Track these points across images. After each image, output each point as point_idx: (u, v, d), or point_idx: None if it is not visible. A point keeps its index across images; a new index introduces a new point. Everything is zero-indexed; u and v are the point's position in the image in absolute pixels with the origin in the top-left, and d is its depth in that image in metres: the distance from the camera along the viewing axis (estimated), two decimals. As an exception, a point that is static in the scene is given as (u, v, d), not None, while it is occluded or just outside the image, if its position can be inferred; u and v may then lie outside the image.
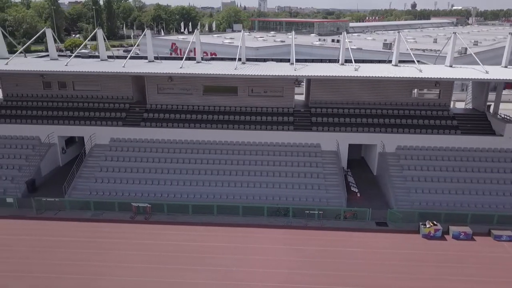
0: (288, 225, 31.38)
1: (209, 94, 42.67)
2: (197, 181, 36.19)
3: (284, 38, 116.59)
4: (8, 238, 29.02)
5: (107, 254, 27.40)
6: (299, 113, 41.96)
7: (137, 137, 40.22)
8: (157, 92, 43.01)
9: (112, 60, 44.14)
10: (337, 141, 38.58)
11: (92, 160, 38.65)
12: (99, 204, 32.96)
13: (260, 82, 41.18)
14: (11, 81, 43.68)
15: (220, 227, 30.91)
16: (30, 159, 38.70)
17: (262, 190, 35.34)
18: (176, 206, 32.47)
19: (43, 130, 40.29)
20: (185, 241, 28.92)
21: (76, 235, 29.51)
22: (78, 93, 43.85)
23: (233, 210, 32.37)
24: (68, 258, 26.95)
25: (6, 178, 36.73)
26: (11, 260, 26.51)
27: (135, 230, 30.51)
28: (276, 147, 39.25)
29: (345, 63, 42.44)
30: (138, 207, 32.27)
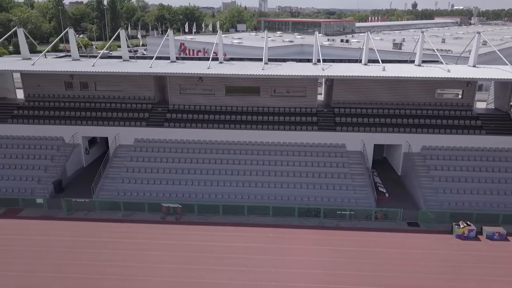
0: (319, 225, 31.37)
1: (231, 94, 42.59)
2: (224, 181, 36.17)
3: (292, 38, 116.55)
4: (44, 239, 29.00)
5: (141, 255, 27.36)
6: (322, 113, 41.94)
7: (160, 137, 40.22)
8: (180, 93, 42.99)
9: (134, 61, 44.11)
10: (363, 142, 38.50)
11: (117, 160, 38.62)
12: (129, 205, 32.90)
13: (283, 82, 41.16)
14: (33, 81, 43.57)
15: (251, 228, 30.91)
16: (56, 159, 38.67)
17: (289, 190, 35.34)
18: (206, 206, 32.45)
19: (67, 131, 40.28)
20: (219, 242, 28.90)
21: (109, 236, 29.48)
22: (100, 94, 43.81)
23: (264, 211, 32.28)
24: (105, 258, 26.91)
25: (32, 179, 36.70)
26: (49, 261, 26.49)
27: (167, 230, 30.48)
28: (301, 147, 39.28)
29: (368, 63, 42.39)
30: (168, 208, 32.20)
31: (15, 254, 27.27)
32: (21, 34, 43.39)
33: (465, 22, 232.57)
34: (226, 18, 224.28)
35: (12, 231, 30.07)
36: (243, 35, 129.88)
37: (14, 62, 42.32)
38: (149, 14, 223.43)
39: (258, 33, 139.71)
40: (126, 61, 43.80)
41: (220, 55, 43.26)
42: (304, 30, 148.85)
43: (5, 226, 30.85)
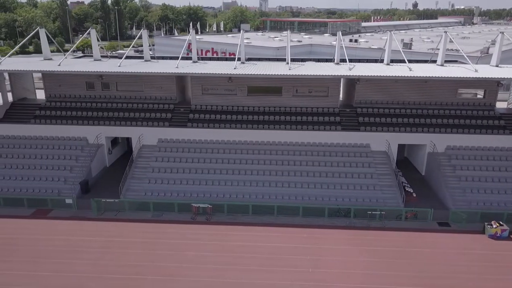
0: (350, 226, 31.37)
1: (254, 94, 42.59)
2: (250, 181, 36.22)
3: (300, 38, 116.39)
4: (77, 239, 28.99)
5: (177, 255, 27.37)
6: (344, 113, 41.93)
7: (184, 137, 40.22)
8: (202, 93, 42.97)
9: (156, 61, 44.09)
10: (387, 142, 38.51)
11: (142, 161, 38.62)
12: (158, 205, 32.89)
13: (305, 82, 41.18)
14: (54, 82, 43.54)
15: (282, 228, 30.92)
16: (81, 160, 38.67)
17: (316, 191, 35.40)
18: (236, 206, 32.42)
19: (91, 131, 40.27)
20: (252, 242, 28.92)
21: (143, 236, 29.49)
22: (121, 94, 43.76)
23: (293, 211, 32.27)
24: (140, 259, 26.91)
25: (59, 179, 36.70)
26: (85, 261, 26.49)
27: (199, 231, 30.49)
28: (325, 148, 39.31)
29: (391, 63, 42.43)
30: (198, 208, 32.20)
31: (50, 254, 27.28)
32: (43, 35, 43.37)
33: (469, 21, 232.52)
34: (229, 18, 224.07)
35: (44, 231, 30.07)
36: (249, 35, 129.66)
37: (38, 62, 42.29)
38: (153, 14, 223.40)
39: (265, 33, 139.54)
40: (148, 61, 43.74)
41: (242, 55, 43.17)
42: (309, 30, 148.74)
43: (37, 226, 30.85)
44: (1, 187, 36.02)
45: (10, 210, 33.06)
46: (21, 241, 28.70)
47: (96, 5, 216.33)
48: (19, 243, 28.43)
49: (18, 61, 42.83)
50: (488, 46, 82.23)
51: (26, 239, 29.04)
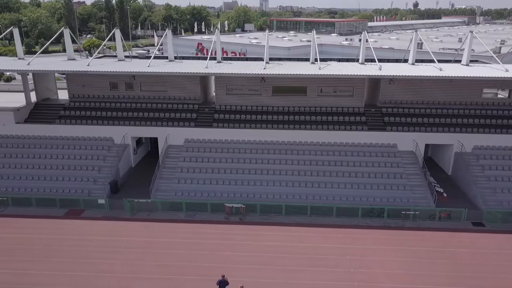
0: (385, 226, 31.37)
1: (278, 94, 42.59)
2: (279, 181, 36.29)
3: (308, 37, 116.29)
4: (115, 239, 28.99)
5: (216, 255, 27.39)
6: (369, 112, 41.94)
7: (210, 137, 40.21)
8: (226, 93, 42.96)
9: (180, 61, 44.07)
10: (415, 142, 38.53)
11: (169, 161, 38.61)
12: (191, 205, 32.89)
13: (331, 82, 41.19)
14: (78, 82, 43.52)
15: (317, 228, 30.94)
16: (108, 160, 38.66)
17: (346, 191, 35.44)
18: (269, 206, 32.41)
19: (117, 131, 40.23)
20: (289, 242, 28.94)
21: (179, 236, 29.54)
22: (145, 94, 43.73)
23: (326, 211, 32.27)
24: (180, 259, 26.94)
25: (88, 180, 36.71)
26: (126, 262, 26.47)
27: (234, 231, 30.50)
28: (352, 147, 39.31)
29: (416, 63, 42.46)
30: (231, 208, 32.19)
31: (91, 254, 27.28)
32: (67, 35, 43.29)
33: (473, 21, 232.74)
34: (232, 18, 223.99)
35: (80, 231, 30.06)
36: (257, 35, 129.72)
37: (65, 63, 42.19)
38: (156, 14, 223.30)
39: (272, 32, 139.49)
40: (172, 61, 43.71)
41: (266, 56, 43.12)
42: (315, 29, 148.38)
43: (72, 226, 30.84)
44: (31, 187, 35.96)
45: (43, 210, 33.05)
46: (59, 241, 28.72)
47: (99, 5, 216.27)
48: (58, 243, 28.45)
49: (45, 62, 42.81)
50: (500, 46, 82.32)
51: (63, 239, 29.05)
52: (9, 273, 25.27)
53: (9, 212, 32.72)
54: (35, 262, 26.31)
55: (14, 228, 30.49)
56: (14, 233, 29.75)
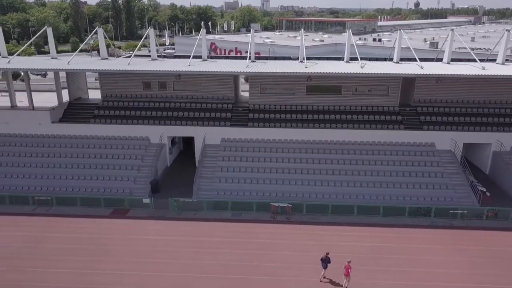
0: (432, 225, 31.30)
1: (312, 93, 42.53)
2: (321, 181, 36.34)
3: (319, 37, 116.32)
4: (167, 239, 28.92)
5: (273, 254, 27.27)
6: (404, 112, 41.89)
7: (247, 137, 40.18)
8: (260, 93, 42.89)
9: (215, 61, 43.98)
10: (454, 141, 38.49)
11: (208, 160, 38.55)
12: (236, 204, 32.82)
13: (366, 81, 41.16)
14: (111, 81, 43.43)
15: (365, 227, 30.81)
16: (146, 159, 38.61)
17: (389, 190, 35.47)
18: (315, 206, 32.34)
19: (153, 131, 40.21)
20: (342, 242, 28.84)
21: (229, 236, 29.45)
22: (178, 94, 43.65)
23: (373, 210, 32.21)
24: (237, 259, 26.82)
25: (128, 179, 36.65)
26: (182, 261, 26.39)
27: (284, 230, 30.44)
28: (390, 147, 39.32)
29: (452, 62, 42.39)
30: (277, 207, 32.12)
31: (145, 254, 27.19)
32: (101, 35, 43.19)
33: (479, 21, 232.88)
34: (237, 18, 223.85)
35: (131, 231, 29.94)
36: (267, 34, 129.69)
37: (103, 62, 42.01)
38: (162, 14, 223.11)
39: (283, 32, 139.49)
40: (205, 61, 43.60)
41: (301, 54, 43.07)
42: (325, 29, 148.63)
43: (120, 226, 30.78)
44: (71, 186, 35.90)
45: (87, 209, 32.89)
46: (112, 241, 28.61)
47: (105, 5, 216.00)
48: (111, 243, 28.36)
49: (81, 61, 42.64)
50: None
51: (115, 238, 28.97)
52: (71, 272, 25.19)
53: (54, 212, 32.64)
54: (93, 262, 26.21)
55: (63, 227, 30.40)
56: (65, 232, 29.68)
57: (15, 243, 28.22)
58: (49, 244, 28.32)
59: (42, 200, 33.14)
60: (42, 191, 35.34)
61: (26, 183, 36.05)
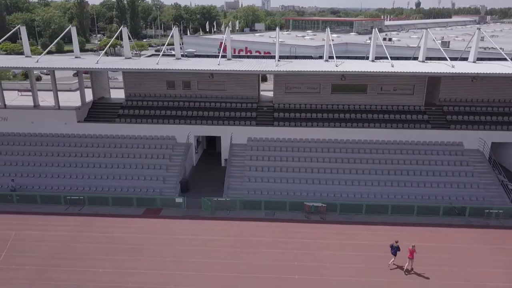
0: (468, 224, 31.18)
1: (337, 92, 42.39)
2: (352, 180, 36.26)
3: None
4: (203, 238, 28.79)
5: (314, 254, 27.12)
6: (430, 111, 41.76)
7: (274, 136, 40.10)
8: (284, 92, 42.76)
9: (240, 60, 43.79)
10: (483, 140, 38.39)
11: (236, 159, 38.43)
12: (269, 204, 32.69)
13: (392, 80, 41.05)
14: (135, 80, 43.28)
15: (402, 227, 30.63)
16: (174, 159, 38.49)
17: (420, 189, 35.42)
18: (349, 205, 32.23)
19: (180, 130, 40.09)
20: (379, 241, 28.56)
21: (268, 236, 29.27)
22: (202, 93, 43.50)
23: (406, 210, 32.08)
24: (278, 258, 26.68)
25: (157, 178, 36.50)
26: (223, 261, 26.28)
27: (320, 230, 30.31)
28: (418, 146, 39.24)
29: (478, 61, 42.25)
30: (311, 207, 31.98)
31: (184, 253, 27.11)
32: (125, 34, 42.97)
33: (484, 20, 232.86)
34: (241, 18, 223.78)
35: (165, 230, 29.86)
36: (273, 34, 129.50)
37: (132, 61, 41.78)
38: (166, 14, 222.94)
39: (290, 32, 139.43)
40: (230, 60, 43.44)
41: (326, 54, 42.90)
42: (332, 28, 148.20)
43: (155, 225, 30.66)
44: (101, 186, 35.82)
45: (120, 209, 32.81)
46: (148, 240, 28.50)
47: (108, 5, 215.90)
48: (148, 242, 28.24)
49: (108, 61, 42.49)
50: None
51: (152, 238, 28.85)
52: (109, 272, 25.09)
53: (87, 211, 32.49)
54: (132, 262, 26.08)
55: (98, 227, 30.27)
56: (100, 232, 29.55)
57: (52, 243, 28.08)
58: (85, 243, 28.18)
59: (74, 199, 32.89)
60: (72, 190, 35.23)
61: (56, 183, 35.93)
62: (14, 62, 42.48)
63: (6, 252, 27.01)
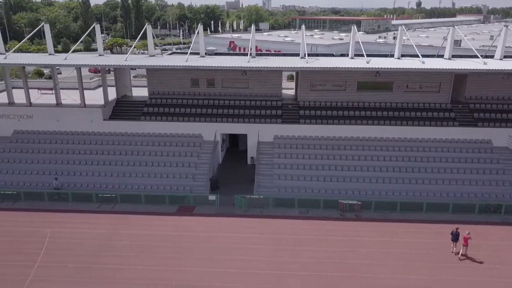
0: (505, 222, 30.99)
1: (363, 90, 42.21)
2: (383, 178, 36.04)
3: (336, 35, 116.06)
4: (242, 236, 28.62)
5: (351, 252, 26.99)
6: (457, 108, 41.59)
7: (300, 134, 39.89)
8: (310, 89, 42.57)
9: (265, 58, 43.58)
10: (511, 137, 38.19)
11: (264, 157, 38.22)
12: (302, 202, 32.49)
13: (418, 78, 40.87)
14: (159, 78, 43.08)
15: (438, 224, 30.42)
16: (202, 157, 38.25)
17: (451, 187, 35.15)
18: (383, 203, 32.07)
19: (206, 128, 39.88)
20: (419, 239, 28.51)
21: (309, 234, 29.00)
22: (226, 91, 43.29)
23: (441, 208, 31.92)
24: (315, 256, 26.47)
25: (186, 176, 36.27)
26: (264, 258, 26.09)
27: (357, 228, 30.11)
28: (446, 144, 39.06)
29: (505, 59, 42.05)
30: (346, 205, 31.79)
31: (225, 251, 26.90)
32: (150, 32, 42.76)
33: (488, 19, 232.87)
34: (245, 17, 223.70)
35: (201, 228, 29.66)
36: (284, 33, 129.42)
37: (158, 59, 41.59)
38: (170, 13, 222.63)
39: (298, 31, 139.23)
40: (254, 58, 43.18)
41: (352, 51, 42.69)
42: (338, 27, 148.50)
43: (191, 223, 30.54)
44: (131, 184, 35.57)
45: (152, 207, 32.63)
46: (186, 238, 28.31)
47: (112, 4, 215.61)
48: (186, 240, 28.05)
49: (135, 58, 42.28)
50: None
51: (190, 236, 28.64)
52: (149, 269, 24.88)
53: (119, 209, 32.25)
54: (174, 259, 25.90)
55: (133, 225, 30.08)
56: (136, 229, 29.39)
57: (90, 240, 27.88)
58: (123, 241, 27.99)
59: (106, 197, 32.67)
60: (102, 188, 34.98)
61: (85, 180, 35.73)
62: (42, 59, 42.00)
63: (45, 250, 26.78)
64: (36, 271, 24.62)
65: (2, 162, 37.61)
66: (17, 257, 26.01)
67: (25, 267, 24.91)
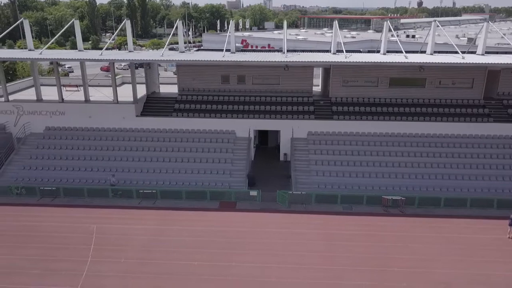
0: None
1: (395, 86, 41.98)
2: (422, 174, 35.86)
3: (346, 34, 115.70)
4: (287, 231, 28.36)
5: (402, 247, 26.76)
6: (490, 104, 41.38)
7: (334, 130, 39.67)
8: (341, 85, 42.32)
9: (298, 53, 43.30)
10: (549, 133, 37.99)
11: (299, 154, 38.01)
12: (344, 198, 32.25)
13: (450, 74, 40.73)
14: (189, 75, 42.82)
15: (484, 220, 30.00)
16: (237, 153, 38.01)
17: (491, 183, 34.95)
18: (427, 199, 31.86)
19: (239, 124, 39.66)
20: (466, 234, 28.37)
21: (354, 229, 28.73)
22: (257, 88, 43.03)
23: (486, 203, 31.71)
24: (367, 251, 26.22)
25: (224, 172, 36.04)
26: (315, 254, 25.84)
27: (400, 223, 29.95)
28: (482, 139, 38.95)
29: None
30: (389, 200, 31.55)
31: (275, 247, 26.67)
32: (180, 29, 42.46)
33: (493, 18, 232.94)
34: (249, 16, 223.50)
35: (248, 224, 29.45)
36: (293, 32, 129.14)
37: (193, 55, 41.33)
38: (175, 12, 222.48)
39: (307, 29, 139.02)
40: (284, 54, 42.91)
41: (383, 47, 42.41)
42: (347, 26, 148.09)
43: (236, 218, 30.30)
44: (169, 180, 35.31)
45: (194, 203, 32.43)
46: (235, 234, 28.10)
47: (117, 4, 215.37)
48: (235, 236, 27.85)
49: (171, 54, 42.06)
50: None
51: (238, 231, 28.42)
52: (209, 265, 24.61)
53: (160, 205, 31.97)
54: (225, 255, 25.66)
55: (179, 220, 29.88)
56: (183, 225, 29.11)
57: (138, 236, 27.65)
58: (171, 236, 27.74)
59: (146, 193, 32.40)
60: (139, 184, 34.69)
61: (122, 177, 35.48)
62: (78, 54, 41.62)
63: (94, 245, 26.48)
64: (90, 266, 24.32)
65: (36, 158, 37.32)
66: (67, 252, 25.72)
67: (78, 262, 24.64)
